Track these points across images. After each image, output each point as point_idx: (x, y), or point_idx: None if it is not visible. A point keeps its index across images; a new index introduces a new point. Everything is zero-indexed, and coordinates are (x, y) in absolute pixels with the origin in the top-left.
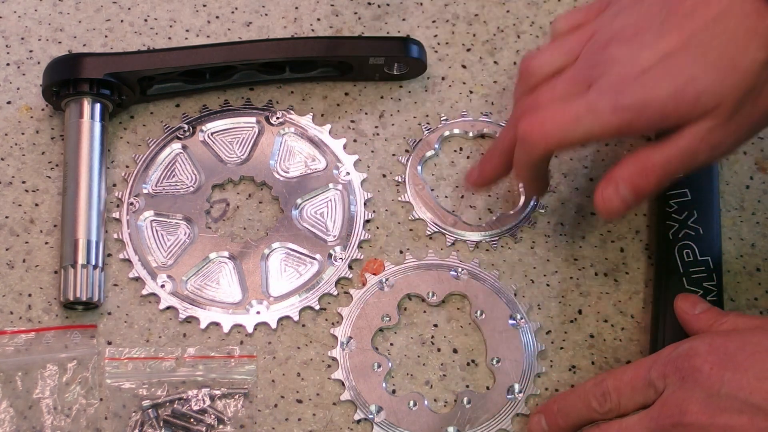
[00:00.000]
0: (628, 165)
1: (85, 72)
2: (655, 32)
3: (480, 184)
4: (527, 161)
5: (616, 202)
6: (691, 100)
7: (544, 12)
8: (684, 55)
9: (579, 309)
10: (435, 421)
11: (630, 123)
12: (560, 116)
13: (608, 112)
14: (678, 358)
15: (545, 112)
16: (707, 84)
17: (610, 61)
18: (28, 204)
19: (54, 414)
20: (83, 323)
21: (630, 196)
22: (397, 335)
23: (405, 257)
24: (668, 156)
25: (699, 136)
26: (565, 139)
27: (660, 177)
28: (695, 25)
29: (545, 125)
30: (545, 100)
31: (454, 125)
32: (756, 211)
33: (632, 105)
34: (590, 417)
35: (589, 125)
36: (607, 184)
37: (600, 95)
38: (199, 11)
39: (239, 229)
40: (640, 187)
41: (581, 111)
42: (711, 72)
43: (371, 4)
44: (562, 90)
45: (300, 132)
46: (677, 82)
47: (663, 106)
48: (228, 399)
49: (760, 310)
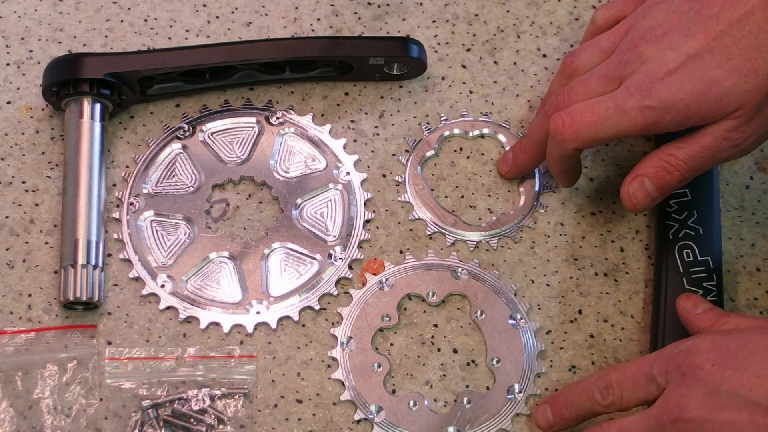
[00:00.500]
0: (653, 161)
1: (85, 72)
2: (683, 32)
3: (513, 173)
4: (559, 155)
5: (641, 196)
6: (713, 103)
7: (544, 12)
8: (707, 57)
9: (579, 309)
10: (435, 421)
11: (655, 122)
12: (590, 114)
13: (635, 112)
14: (680, 355)
15: (576, 109)
16: (728, 87)
17: (639, 60)
18: (28, 204)
19: (54, 414)
20: (83, 323)
21: (655, 191)
22: (397, 335)
23: (405, 257)
24: (692, 153)
25: (721, 135)
26: (594, 136)
27: (684, 173)
28: (720, 28)
29: (575, 123)
30: (578, 95)
31: (454, 125)
32: (756, 211)
33: (657, 106)
34: (593, 409)
35: (617, 123)
36: (633, 180)
37: (628, 95)
38: (199, 11)
39: (239, 229)
40: (665, 182)
41: (610, 110)
42: (733, 75)
43: (371, 4)
44: (594, 86)
45: (300, 132)
46: (700, 85)
47: (686, 108)
48: (228, 399)
49: (760, 310)
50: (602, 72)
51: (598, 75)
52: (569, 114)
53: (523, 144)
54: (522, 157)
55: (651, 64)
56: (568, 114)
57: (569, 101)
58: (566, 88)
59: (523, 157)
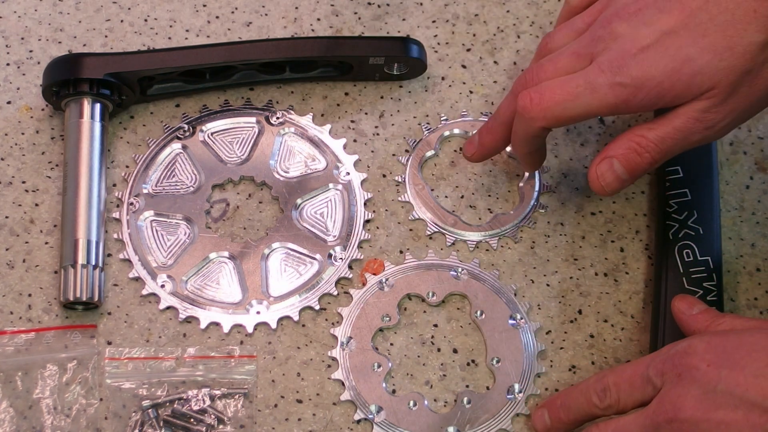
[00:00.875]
0: (622, 142)
1: (85, 72)
2: (657, 9)
3: (479, 156)
4: (525, 135)
5: (610, 178)
6: (686, 81)
7: (544, 12)
8: (682, 34)
9: (579, 309)
10: (435, 421)
11: (627, 100)
12: (559, 91)
13: (606, 89)
14: (675, 355)
15: (545, 87)
16: (703, 65)
17: (612, 37)
18: (28, 204)
19: (54, 414)
20: (83, 323)
21: (624, 174)
22: (397, 335)
23: (405, 257)
24: (663, 134)
25: (694, 116)
26: (563, 114)
27: (654, 155)
28: (695, 4)
29: (544, 100)
30: (547, 72)
31: (454, 125)
32: (756, 211)
33: (629, 83)
34: (591, 412)
35: (587, 101)
36: (602, 161)
37: (599, 71)
38: (199, 11)
39: (239, 229)
40: (635, 163)
41: (580, 87)
42: (707, 53)
43: (371, 4)
44: (564, 62)
45: (300, 132)
46: (674, 62)
47: (659, 85)
48: (228, 399)
49: (760, 310)
50: (573, 49)
51: (569, 52)
52: (538, 91)
53: (489, 125)
54: (488, 138)
55: (624, 40)
56: (536, 91)
57: (538, 78)
58: (536, 65)
59: (489, 138)
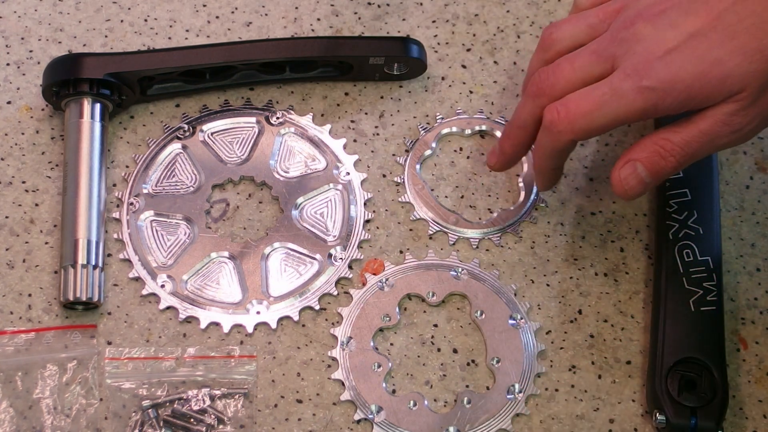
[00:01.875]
0: (646, 145)
1: (85, 72)
2: (683, 10)
3: (501, 164)
4: (553, 149)
5: (633, 182)
6: (715, 84)
7: (544, 12)
8: (710, 36)
9: (579, 309)
10: (435, 421)
11: (655, 104)
12: (585, 102)
13: (633, 94)
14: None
15: (570, 99)
16: (732, 67)
17: (635, 39)
18: (28, 204)
19: (54, 414)
20: (83, 323)
21: (648, 177)
22: (397, 335)
23: (405, 257)
24: (688, 138)
25: (721, 120)
26: (591, 125)
27: (679, 159)
28: (722, 5)
29: (570, 113)
30: (564, 71)
31: (451, 123)
32: (756, 211)
33: (657, 86)
34: None
35: (615, 108)
36: (625, 164)
37: (624, 76)
38: (199, 11)
39: (239, 229)
40: (659, 167)
41: (606, 95)
42: (737, 55)
43: (371, 4)
44: (582, 62)
45: (300, 132)
46: (702, 64)
47: (688, 89)
48: (228, 399)
49: (759, 310)
50: (592, 48)
51: (588, 51)
52: (563, 104)
53: (506, 131)
54: (507, 144)
55: (648, 42)
56: (562, 104)
57: (555, 79)
58: (552, 65)
59: (508, 144)
